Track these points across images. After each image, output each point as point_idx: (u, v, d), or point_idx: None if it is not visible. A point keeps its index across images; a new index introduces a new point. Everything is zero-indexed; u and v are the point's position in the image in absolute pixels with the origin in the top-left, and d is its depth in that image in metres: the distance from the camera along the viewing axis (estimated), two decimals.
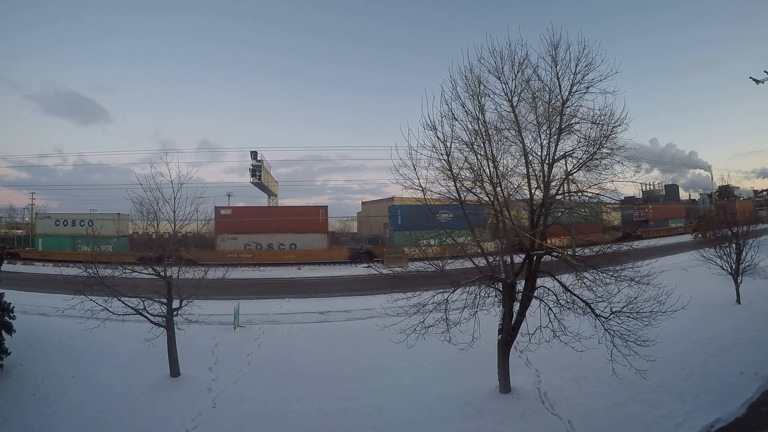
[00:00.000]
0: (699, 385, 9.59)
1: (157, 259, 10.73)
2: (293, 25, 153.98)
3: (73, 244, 34.45)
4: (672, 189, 74.76)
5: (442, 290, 9.14)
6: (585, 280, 8.55)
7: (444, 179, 9.10)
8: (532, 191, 9.14)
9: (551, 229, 9.18)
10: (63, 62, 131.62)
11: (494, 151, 8.95)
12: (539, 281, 9.27)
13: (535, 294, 9.11)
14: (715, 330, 12.97)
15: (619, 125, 8.59)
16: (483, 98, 8.91)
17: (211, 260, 31.75)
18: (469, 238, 9.56)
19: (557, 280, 8.98)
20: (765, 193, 74.72)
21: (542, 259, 9.10)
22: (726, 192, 70.30)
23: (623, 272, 8.52)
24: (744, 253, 16.46)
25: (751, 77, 25.58)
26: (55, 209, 52.51)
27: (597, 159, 8.77)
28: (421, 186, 8.98)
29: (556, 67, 8.69)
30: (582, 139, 8.92)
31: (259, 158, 37.16)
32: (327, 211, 35.38)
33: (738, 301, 16.05)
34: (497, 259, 9.53)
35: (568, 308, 8.72)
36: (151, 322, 10.27)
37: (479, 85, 8.88)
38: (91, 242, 33.14)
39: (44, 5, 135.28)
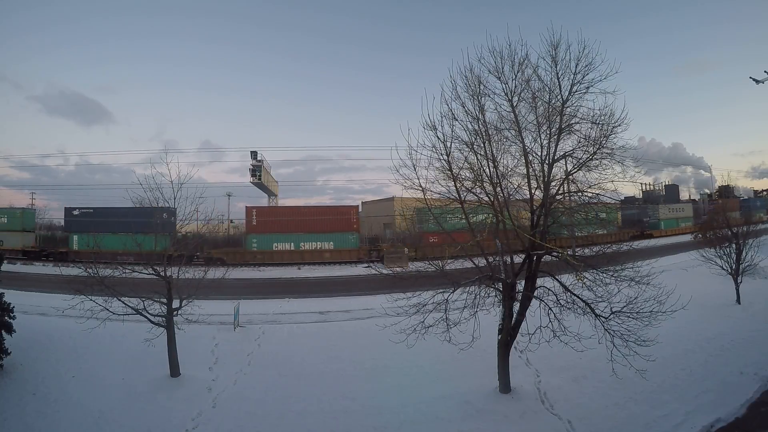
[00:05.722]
0: (699, 385, 9.59)
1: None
2: (294, 27, 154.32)
3: None
4: (672, 189, 74.53)
5: (442, 290, 9.13)
6: (585, 280, 8.54)
7: (444, 179, 9.11)
8: (532, 191, 9.14)
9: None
10: (67, 63, 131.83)
11: (494, 151, 8.95)
12: (539, 281, 9.26)
13: (535, 294, 9.10)
14: (715, 330, 12.97)
15: (619, 125, 8.61)
16: (483, 98, 8.92)
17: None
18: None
19: (557, 280, 8.97)
20: (765, 193, 74.63)
21: (542, 259, 9.10)
22: (726, 192, 70.10)
23: (623, 272, 8.51)
24: (744, 253, 16.46)
25: (751, 77, 25.67)
26: (56, 209, 52.42)
27: (597, 159, 8.77)
28: (421, 186, 8.98)
29: (556, 67, 8.70)
30: (582, 139, 8.92)
31: (259, 158, 37.29)
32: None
33: (738, 301, 16.05)
34: (497, 259, 9.52)
35: (568, 308, 8.71)
36: (151, 322, 10.27)
37: (479, 85, 8.89)
38: None
39: (48, 6, 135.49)
